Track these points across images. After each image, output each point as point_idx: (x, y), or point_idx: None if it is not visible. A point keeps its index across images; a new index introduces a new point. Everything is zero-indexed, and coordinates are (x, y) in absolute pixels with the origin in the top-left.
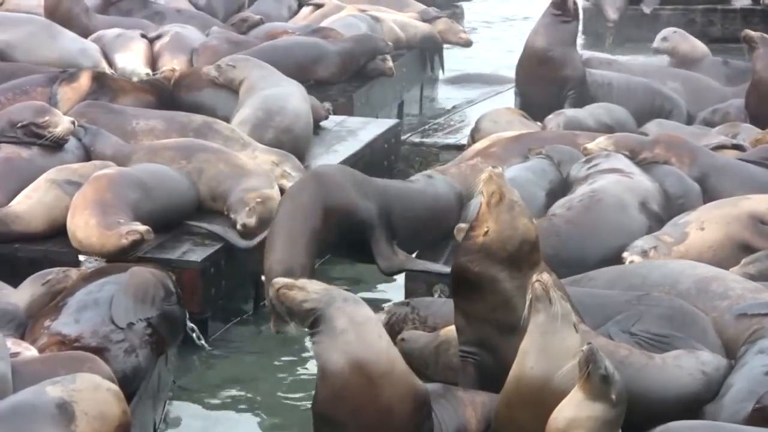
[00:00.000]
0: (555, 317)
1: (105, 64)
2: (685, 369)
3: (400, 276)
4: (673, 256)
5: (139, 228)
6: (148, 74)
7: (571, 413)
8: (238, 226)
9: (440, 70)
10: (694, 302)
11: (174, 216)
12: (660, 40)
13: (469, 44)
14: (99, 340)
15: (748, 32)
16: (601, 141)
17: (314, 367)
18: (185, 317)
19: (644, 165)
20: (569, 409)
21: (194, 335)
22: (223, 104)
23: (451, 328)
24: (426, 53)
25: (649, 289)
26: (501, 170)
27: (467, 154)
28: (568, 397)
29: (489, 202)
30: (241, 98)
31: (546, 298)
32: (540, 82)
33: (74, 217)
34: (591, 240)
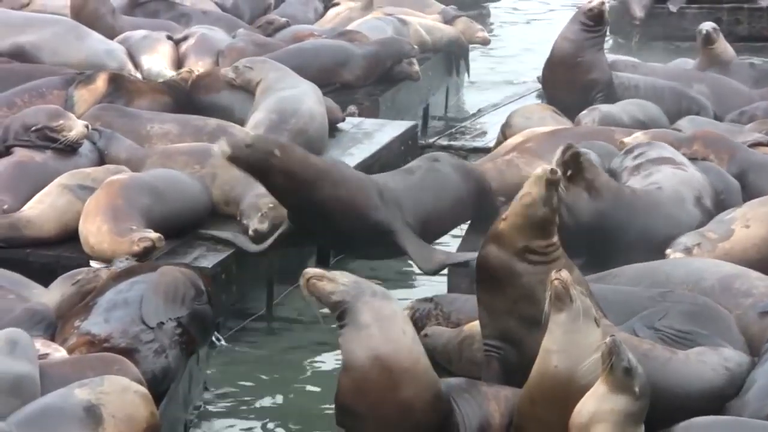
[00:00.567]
0: (576, 315)
1: (131, 66)
2: (708, 364)
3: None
4: (717, 252)
5: (151, 235)
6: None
7: (594, 406)
8: (250, 232)
9: (467, 74)
10: (718, 300)
11: (187, 221)
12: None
13: (487, 42)
14: (129, 340)
15: None
16: (639, 136)
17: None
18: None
19: None
20: (592, 402)
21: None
22: (240, 106)
23: (474, 323)
24: (452, 57)
25: (673, 286)
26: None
27: (502, 149)
28: (591, 391)
29: None
30: (257, 100)
31: (566, 295)
32: (567, 86)
33: (86, 222)
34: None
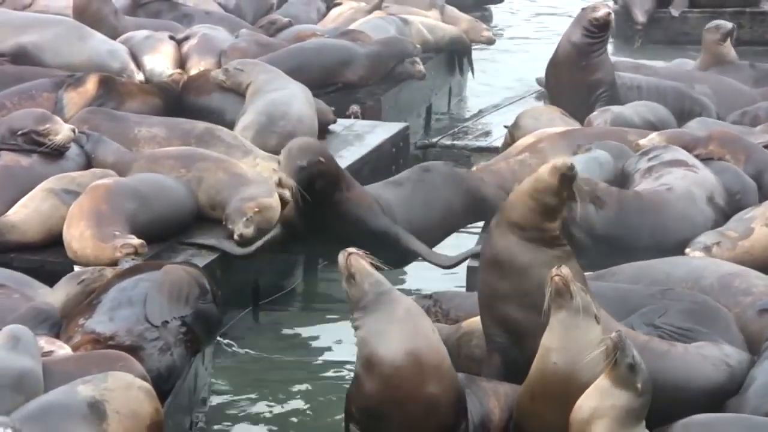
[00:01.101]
0: (577, 311)
1: (133, 66)
2: (708, 359)
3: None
4: (737, 251)
5: (134, 242)
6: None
7: (595, 402)
8: (235, 236)
9: (470, 73)
10: (717, 298)
11: (172, 225)
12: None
13: (492, 42)
14: (133, 339)
15: None
16: (654, 137)
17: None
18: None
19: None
20: (593, 397)
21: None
22: (231, 108)
23: (473, 320)
24: (454, 56)
25: (673, 284)
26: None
27: (514, 150)
28: (593, 386)
29: None
30: (246, 102)
31: (567, 292)
32: (570, 87)
33: (70, 227)
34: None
